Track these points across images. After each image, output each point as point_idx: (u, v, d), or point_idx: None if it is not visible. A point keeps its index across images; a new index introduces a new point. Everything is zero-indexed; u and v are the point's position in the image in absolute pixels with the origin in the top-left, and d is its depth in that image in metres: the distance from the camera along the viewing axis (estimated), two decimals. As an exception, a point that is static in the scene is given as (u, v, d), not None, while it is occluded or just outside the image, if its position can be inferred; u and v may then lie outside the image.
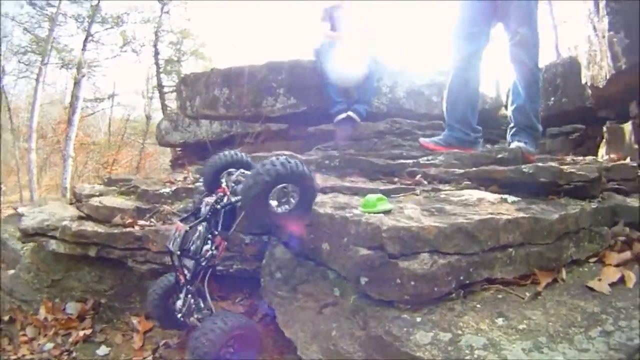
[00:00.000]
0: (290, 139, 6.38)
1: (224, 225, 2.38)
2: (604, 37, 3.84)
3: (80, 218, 3.59)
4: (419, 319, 1.77)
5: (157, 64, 21.04)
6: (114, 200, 3.73)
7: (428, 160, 3.51)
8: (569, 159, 3.94)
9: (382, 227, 1.88)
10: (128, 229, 3.22)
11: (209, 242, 2.36)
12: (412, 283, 1.80)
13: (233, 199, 2.38)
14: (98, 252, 3.29)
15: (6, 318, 3.43)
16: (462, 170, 3.05)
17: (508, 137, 4.03)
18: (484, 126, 4.52)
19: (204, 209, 2.44)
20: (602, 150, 4.36)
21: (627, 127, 3.91)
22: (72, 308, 3.37)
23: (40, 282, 3.61)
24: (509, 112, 4.08)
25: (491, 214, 2.08)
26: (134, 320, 3.18)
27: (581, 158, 3.97)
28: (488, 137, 6.95)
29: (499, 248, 2.00)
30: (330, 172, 3.46)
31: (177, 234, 2.38)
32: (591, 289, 1.96)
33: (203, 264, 2.37)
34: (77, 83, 17.83)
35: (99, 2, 18.68)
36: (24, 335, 3.27)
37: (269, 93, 6.14)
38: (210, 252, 2.35)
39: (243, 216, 2.36)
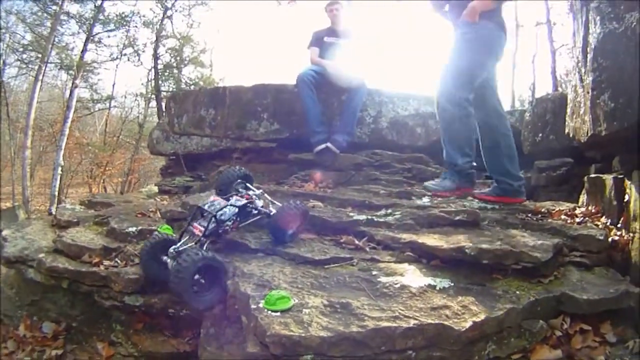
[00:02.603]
0: (273, 163, 6.33)
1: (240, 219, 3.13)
2: (588, 92, 3.63)
3: (55, 251, 3.71)
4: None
5: (156, 68, 20.94)
6: (85, 236, 3.81)
7: (382, 217, 3.48)
8: (543, 209, 3.91)
9: (267, 332, 1.97)
10: (94, 269, 3.34)
11: (231, 221, 3.02)
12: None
13: (266, 210, 3.20)
14: (69, 285, 3.45)
15: (-10, 330, 3.57)
16: (407, 239, 2.99)
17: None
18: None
19: (233, 200, 3.18)
20: (583, 197, 4.26)
21: (608, 180, 3.68)
22: (48, 327, 3.49)
23: (21, 300, 3.74)
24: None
25: (395, 317, 2.09)
26: (99, 346, 3.32)
27: (556, 209, 3.91)
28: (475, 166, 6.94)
29: (396, 351, 2.01)
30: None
31: (216, 202, 3.07)
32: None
33: (220, 231, 2.99)
34: (71, 91, 17.78)
35: (102, 3, 18.62)
36: (5, 347, 3.42)
37: (254, 117, 6.15)
38: (228, 227, 3.03)
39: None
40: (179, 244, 2.89)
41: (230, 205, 3.08)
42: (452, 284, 2.47)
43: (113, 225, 3.85)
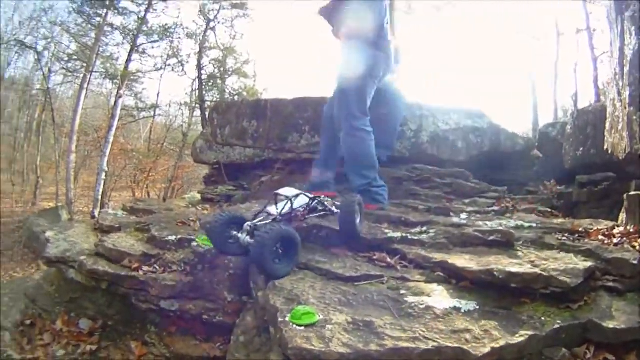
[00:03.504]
0: (315, 175, 6.38)
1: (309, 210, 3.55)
2: (625, 107, 3.47)
3: (96, 254, 3.84)
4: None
5: (200, 78, 21.26)
6: (126, 242, 3.92)
7: (417, 235, 3.50)
8: (581, 228, 3.79)
9: (289, 344, 2.06)
10: (133, 273, 3.46)
11: (302, 208, 3.46)
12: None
13: (331, 208, 3.61)
14: (108, 287, 3.58)
15: (28, 322, 3.70)
16: (439, 259, 2.99)
17: None
18: (514, 168, 4.31)
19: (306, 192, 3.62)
20: (622, 216, 4.16)
21: (649, 198, 3.57)
22: (85, 324, 3.61)
23: (60, 297, 3.88)
24: None
25: (415, 338, 2.11)
26: (133, 345, 3.44)
27: (594, 228, 3.79)
28: (516, 180, 6.85)
29: (414, 371, 2.04)
30: (317, 242, 3.49)
31: (291, 190, 3.54)
32: None
33: (292, 215, 3.40)
34: (116, 101, 18.21)
35: (145, 15, 18.97)
36: (41, 339, 3.54)
37: (295, 129, 6.26)
38: (299, 213, 3.45)
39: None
40: (255, 221, 3.18)
41: (304, 194, 3.51)
42: (478, 307, 2.46)
43: (154, 232, 3.94)
